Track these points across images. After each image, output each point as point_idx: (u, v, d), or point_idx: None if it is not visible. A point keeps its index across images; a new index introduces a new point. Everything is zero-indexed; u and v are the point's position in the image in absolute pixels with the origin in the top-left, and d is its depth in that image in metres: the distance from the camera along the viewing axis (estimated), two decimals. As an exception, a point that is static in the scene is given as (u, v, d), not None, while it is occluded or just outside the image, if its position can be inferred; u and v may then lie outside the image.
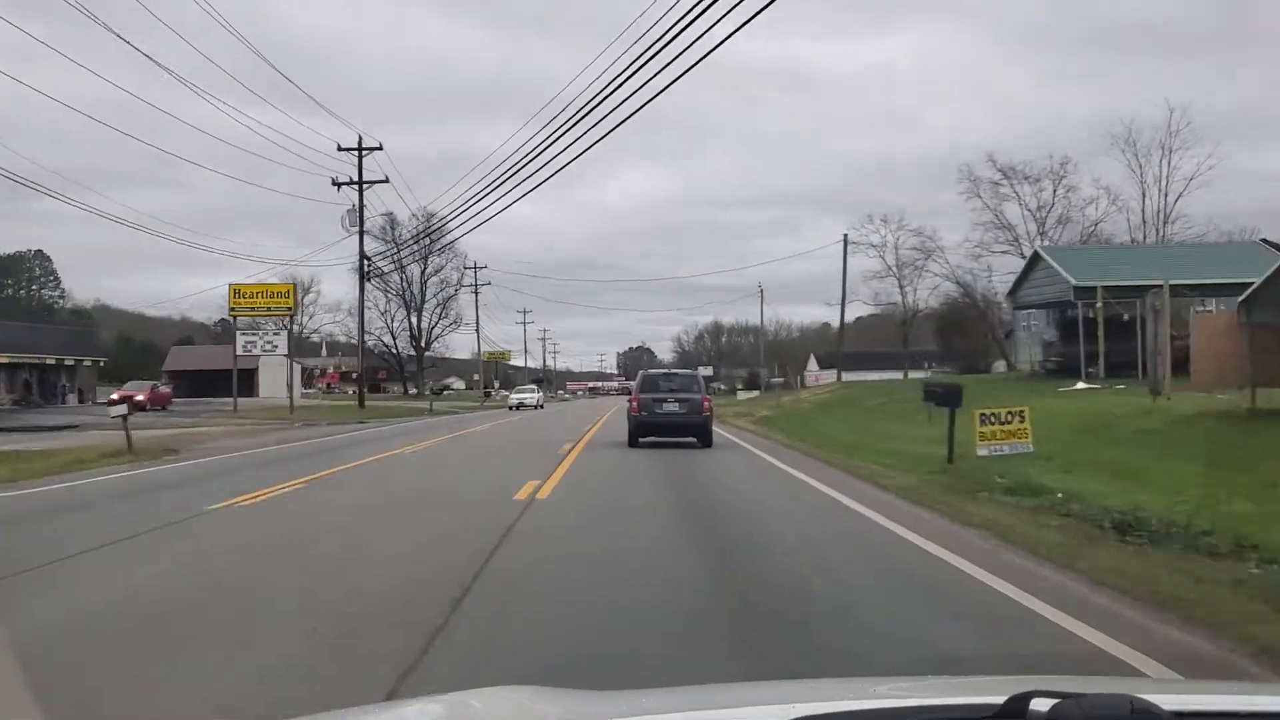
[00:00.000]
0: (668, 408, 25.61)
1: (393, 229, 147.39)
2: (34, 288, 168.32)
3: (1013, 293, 51.51)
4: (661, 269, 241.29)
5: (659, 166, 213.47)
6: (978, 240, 63.21)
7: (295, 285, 53.87)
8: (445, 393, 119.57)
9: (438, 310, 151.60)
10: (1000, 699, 1.94)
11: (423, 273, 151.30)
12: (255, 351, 53.81)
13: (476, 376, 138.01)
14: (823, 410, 39.08)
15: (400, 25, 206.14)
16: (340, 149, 60.22)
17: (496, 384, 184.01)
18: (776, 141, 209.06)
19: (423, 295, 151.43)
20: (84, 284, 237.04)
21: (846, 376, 77.04)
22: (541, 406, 66.01)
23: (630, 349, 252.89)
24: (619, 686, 3.04)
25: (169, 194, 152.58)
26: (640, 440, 25.38)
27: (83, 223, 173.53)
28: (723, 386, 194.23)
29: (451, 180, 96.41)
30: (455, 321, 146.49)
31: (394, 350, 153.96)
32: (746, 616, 6.93)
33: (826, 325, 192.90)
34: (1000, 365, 58.00)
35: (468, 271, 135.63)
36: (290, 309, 53.54)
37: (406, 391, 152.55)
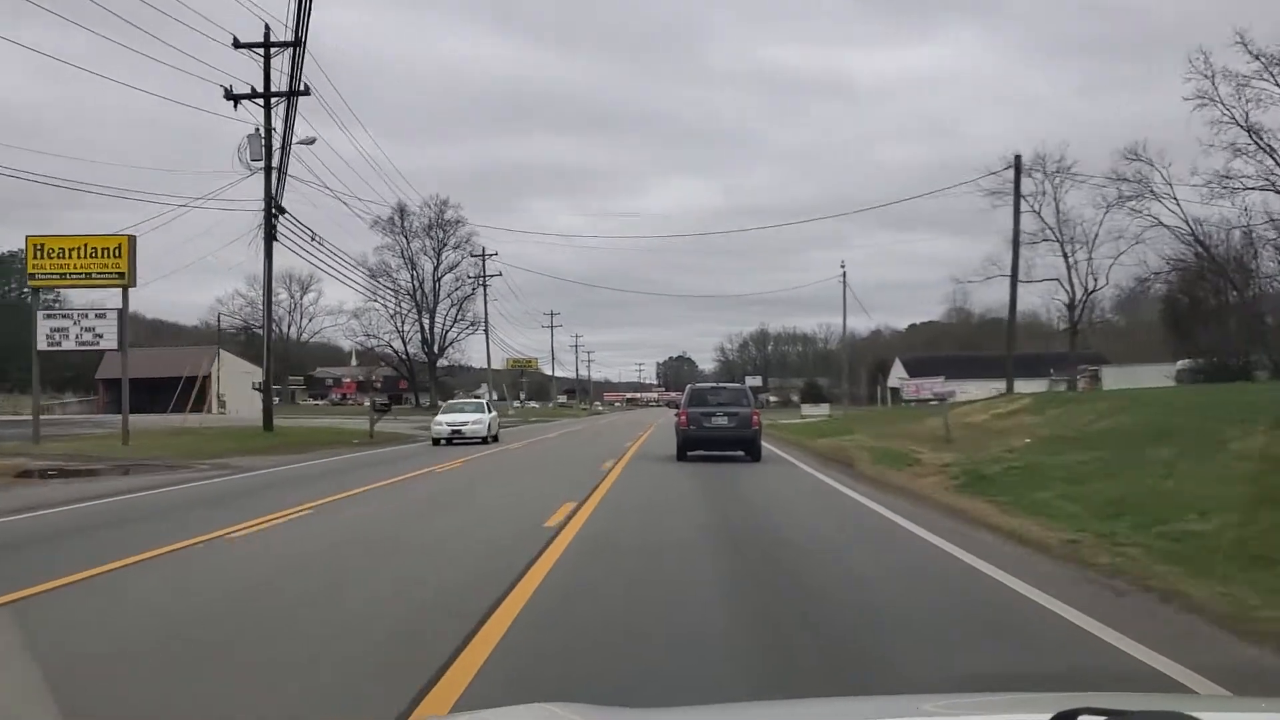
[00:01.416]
0: (716, 421, 24.50)
1: (402, 219, 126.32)
2: (25, 290, 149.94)
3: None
4: (703, 278, 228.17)
5: (702, 177, 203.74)
6: (1213, 173, 40.66)
7: (131, 239, 32.56)
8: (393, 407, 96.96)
9: (453, 311, 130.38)
10: (1045, 716, 1.87)
11: (435, 269, 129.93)
12: (69, 344, 32.80)
13: (481, 387, 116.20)
14: (1126, 459, 16.82)
15: (425, 39, 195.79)
16: (238, 45, 39.03)
17: (523, 395, 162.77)
18: (820, 151, 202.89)
19: (436, 295, 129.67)
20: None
21: (965, 386, 55.24)
22: (494, 439, 35.80)
23: (670, 359, 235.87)
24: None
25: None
26: (689, 454, 24.39)
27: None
28: (773, 399, 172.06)
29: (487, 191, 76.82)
30: (472, 324, 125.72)
31: (405, 356, 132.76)
32: None
33: (878, 333, 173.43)
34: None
35: (489, 268, 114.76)
36: (123, 274, 32.36)
37: (418, 403, 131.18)
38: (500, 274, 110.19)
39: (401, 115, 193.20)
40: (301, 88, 39.23)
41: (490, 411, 37.89)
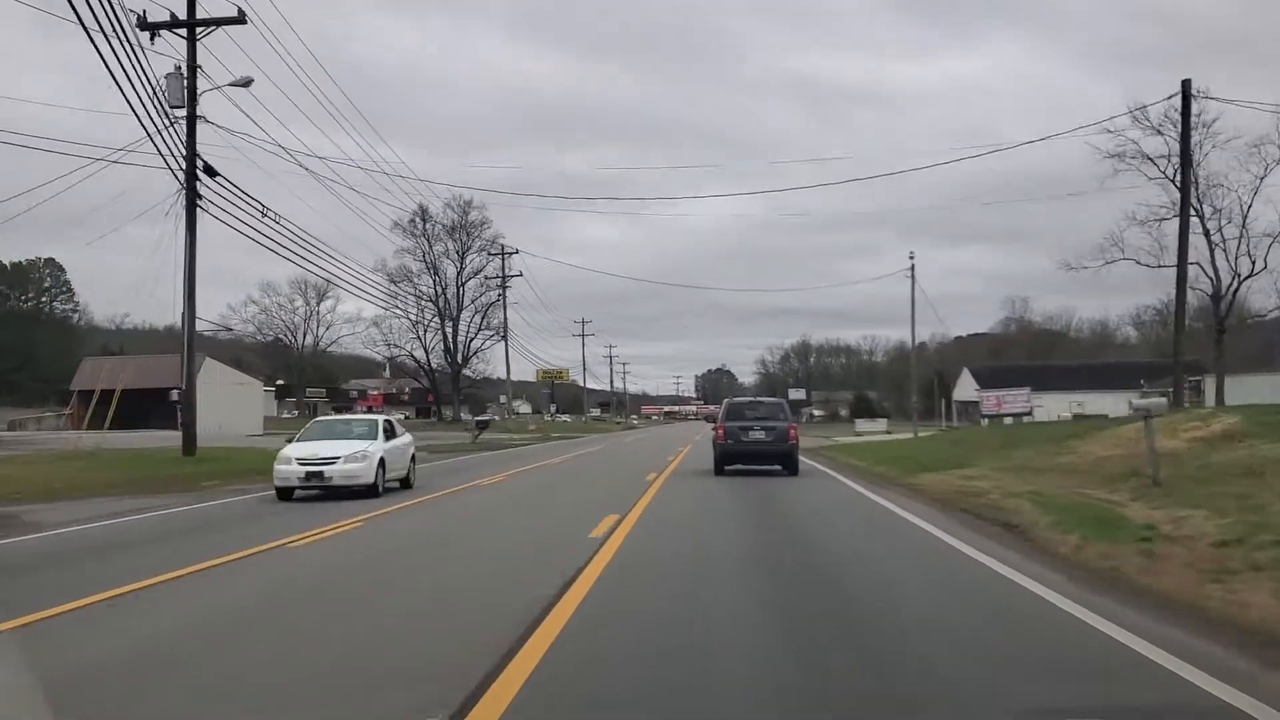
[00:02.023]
0: (753, 435, 24.14)
1: (424, 221, 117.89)
2: (43, 300, 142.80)
3: None
4: (742, 291, 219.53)
5: (740, 187, 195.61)
6: None
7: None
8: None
9: (477, 318, 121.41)
10: None
11: (459, 274, 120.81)
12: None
13: (501, 400, 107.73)
14: None
15: (470, 50, 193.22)
16: (157, -40, 30.18)
17: (553, 408, 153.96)
18: (859, 162, 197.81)
19: (459, 301, 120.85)
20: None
21: (1044, 399, 45.75)
22: (403, 484, 21.10)
23: (709, 371, 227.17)
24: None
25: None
26: (726, 468, 23.94)
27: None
28: (818, 413, 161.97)
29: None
30: (496, 332, 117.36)
31: (428, 367, 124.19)
32: None
33: (924, 345, 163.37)
34: None
35: (509, 272, 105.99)
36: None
37: (441, 417, 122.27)
38: (521, 274, 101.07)
39: (436, 126, 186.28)
40: (235, 14, 30.52)
41: (392, 436, 21.45)
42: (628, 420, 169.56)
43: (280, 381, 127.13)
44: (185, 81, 29.88)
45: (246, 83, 31.11)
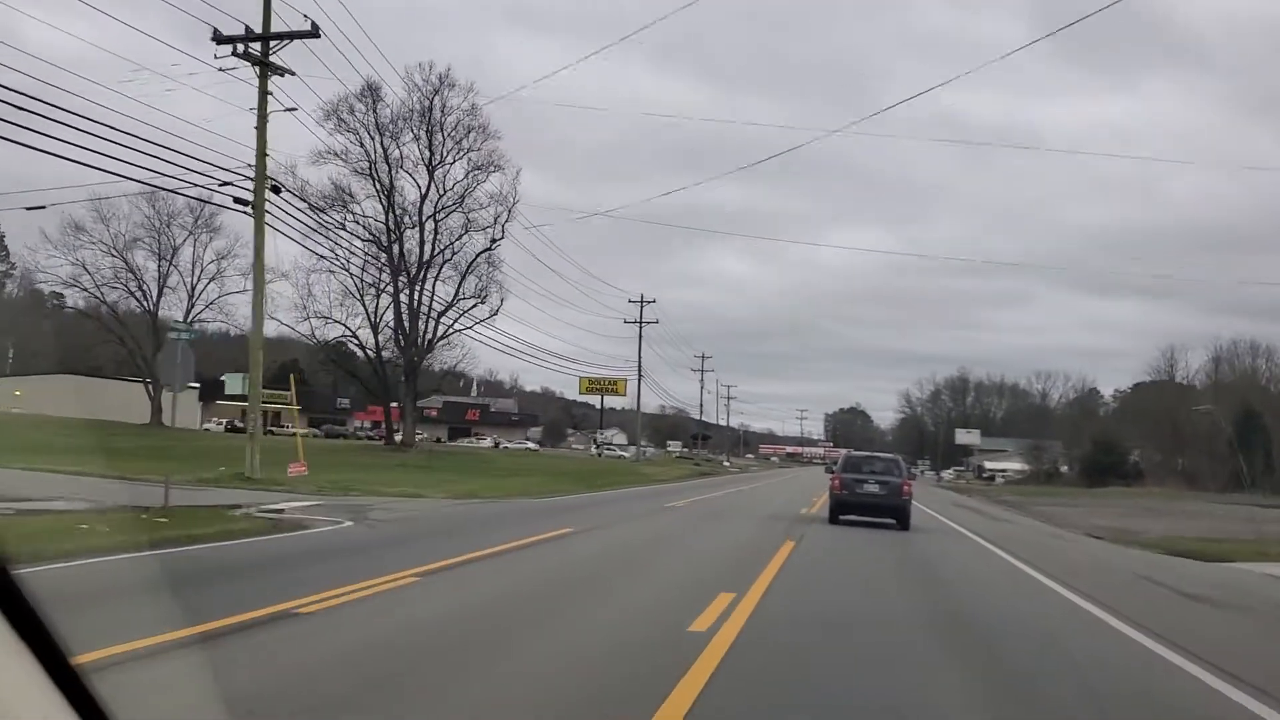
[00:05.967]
0: (868, 489, 25.27)
1: (374, 106, 68.27)
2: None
3: None
4: (876, 332, 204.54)
5: (878, 227, 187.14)
6: None
7: None
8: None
9: (454, 280, 71.40)
10: None
11: (425, 196, 70.33)
12: None
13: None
14: None
15: (613, 80, 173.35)
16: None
17: (600, 436, 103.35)
18: (1004, 205, 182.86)
19: (425, 248, 70.42)
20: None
21: None
22: None
23: (840, 411, 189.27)
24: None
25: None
26: (840, 517, 25.04)
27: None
28: (1004, 469, 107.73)
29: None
30: (480, 297, 66.71)
31: (375, 354, 73.94)
32: None
33: (1095, 391, 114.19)
34: None
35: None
36: None
37: (390, 438, 73.19)
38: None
39: (566, 154, 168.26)
40: None
41: None
42: (722, 462, 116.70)
43: (211, 381, 79.41)
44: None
45: None
